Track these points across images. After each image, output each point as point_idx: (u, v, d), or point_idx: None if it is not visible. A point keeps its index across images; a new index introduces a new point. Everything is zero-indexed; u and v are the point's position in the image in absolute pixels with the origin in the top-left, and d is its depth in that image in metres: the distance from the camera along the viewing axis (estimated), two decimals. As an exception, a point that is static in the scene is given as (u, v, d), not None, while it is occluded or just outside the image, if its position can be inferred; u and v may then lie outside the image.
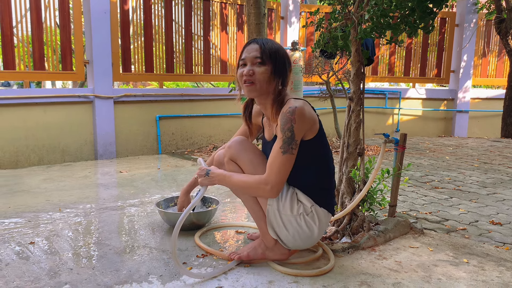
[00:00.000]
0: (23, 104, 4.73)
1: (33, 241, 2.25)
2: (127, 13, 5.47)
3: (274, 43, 1.87)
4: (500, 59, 8.14)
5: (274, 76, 1.82)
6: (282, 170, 1.76)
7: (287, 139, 1.74)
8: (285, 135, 1.74)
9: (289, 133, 1.73)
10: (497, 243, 2.35)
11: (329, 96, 5.93)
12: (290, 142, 1.74)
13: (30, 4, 4.81)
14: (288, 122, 1.73)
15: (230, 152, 1.91)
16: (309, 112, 1.79)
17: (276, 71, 1.82)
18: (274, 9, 6.68)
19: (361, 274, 1.89)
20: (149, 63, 5.69)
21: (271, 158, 1.78)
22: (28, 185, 3.70)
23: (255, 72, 1.81)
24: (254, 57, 1.81)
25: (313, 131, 1.81)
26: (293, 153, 1.75)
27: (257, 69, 1.81)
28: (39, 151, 4.85)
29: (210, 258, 2.04)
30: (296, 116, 1.73)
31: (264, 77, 1.81)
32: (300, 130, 1.75)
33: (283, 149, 1.74)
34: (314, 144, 1.82)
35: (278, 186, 1.77)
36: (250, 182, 1.82)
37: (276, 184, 1.77)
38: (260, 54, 1.81)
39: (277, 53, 1.83)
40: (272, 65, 1.81)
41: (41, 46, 4.92)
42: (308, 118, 1.77)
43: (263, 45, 1.82)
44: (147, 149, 5.58)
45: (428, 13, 2.11)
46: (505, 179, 3.95)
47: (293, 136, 1.73)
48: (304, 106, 1.77)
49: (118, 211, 2.86)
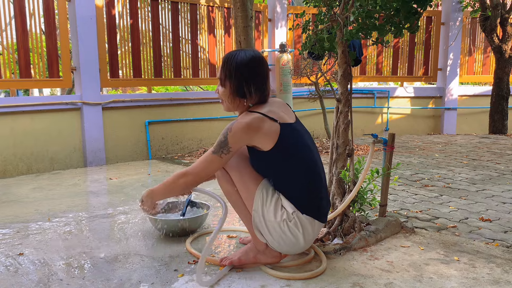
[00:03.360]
0: (10, 112, 4.67)
1: (22, 252, 2.22)
2: (113, 18, 5.43)
3: (239, 57, 1.87)
4: (486, 56, 8.23)
5: (235, 94, 1.88)
6: (204, 167, 1.87)
7: (220, 142, 1.83)
8: (220, 138, 1.83)
9: (223, 138, 1.82)
10: (487, 239, 2.37)
11: (318, 97, 5.95)
12: (223, 146, 1.82)
13: (14, 11, 4.76)
14: (226, 129, 1.83)
15: None
16: (254, 126, 1.79)
17: (235, 90, 1.87)
18: (261, 11, 6.69)
19: (353, 275, 1.90)
20: (137, 68, 5.66)
21: (203, 155, 1.89)
22: (17, 194, 3.66)
23: (219, 92, 1.93)
24: (218, 77, 1.93)
25: (267, 142, 1.81)
26: (221, 157, 1.83)
27: (220, 89, 1.93)
28: (27, 159, 4.79)
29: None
30: (233, 127, 1.81)
31: (226, 96, 1.91)
32: (236, 140, 1.80)
33: (214, 150, 1.85)
34: (275, 154, 1.83)
35: (194, 177, 1.88)
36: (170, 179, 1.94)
37: (192, 174, 1.88)
38: (220, 75, 1.91)
39: (236, 70, 1.85)
40: (230, 85, 1.88)
41: (27, 54, 4.87)
42: (249, 131, 1.79)
43: (225, 64, 1.89)
44: (137, 155, 5.55)
45: (413, 13, 2.12)
46: (493, 175, 3.99)
47: (226, 142, 1.81)
48: (250, 120, 1.80)
49: (108, 218, 2.83)
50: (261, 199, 1.86)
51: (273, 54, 6.71)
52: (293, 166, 1.86)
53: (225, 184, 1.94)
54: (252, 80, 1.86)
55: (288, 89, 6.37)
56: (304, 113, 6.87)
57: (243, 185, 1.88)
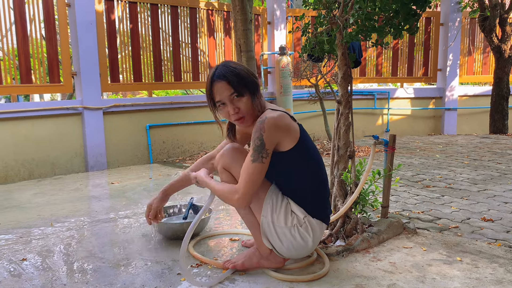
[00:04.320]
0: (11, 118, 4.68)
1: (25, 258, 2.22)
2: (113, 23, 5.45)
3: (233, 67, 1.83)
4: (485, 56, 8.24)
5: (253, 98, 1.82)
6: (251, 180, 1.75)
7: (257, 148, 1.73)
8: (255, 143, 1.73)
9: (259, 141, 1.73)
10: (489, 239, 2.37)
11: (318, 99, 5.96)
12: (260, 151, 1.73)
13: (15, 17, 4.77)
14: (258, 131, 1.73)
15: (222, 160, 1.90)
16: (284, 122, 1.77)
17: (252, 93, 1.82)
18: (261, 14, 6.71)
19: (356, 277, 1.90)
20: (137, 72, 5.68)
21: (242, 167, 1.77)
22: (19, 200, 3.66)
23: (240, 108, 1.81)
24: (229, 95, 1.80)
25: (290, 141, 1.79)
26: (263, 162, 1.74)
27: (239, 103, 1.81)
28: (29, 165, 4.80)
29: (205, 267, 2.03)
30: (265, 125, 1.73)
31: (248, 106, 1.81)
32: (271, 139, 1.74)
33: (253, 157, 1.74)
34: (295, 154, 1.81)
35: (246, 196, 1.76)
36: (223, 190, 1.83)
37: (243, 194, 1.75)
38: (233, 89, 1.79)
39: (243, 77, 1.81)
40: (247, 91, 1.81)
41: (27, 60, 4.88)
42: (281, 127, 1.76)
43: (227, 78, 1.79)
44: (138, 159, 5.56)
45: (412, 15, 2.13)
46: (495, 175, 3.99)
47: (262, 145, 1.72)
48: (278, 116, 1.76)
49: (110, 223, 2.84)
50: (270, 205, 1.85)
51: (273, 56, 6.73)
52: (309, 167, 1.86)
53: None
54: (254, 74, 1.89)
55: (288, 91, 6.39)
56: (304, 115, 6.88)
57: None
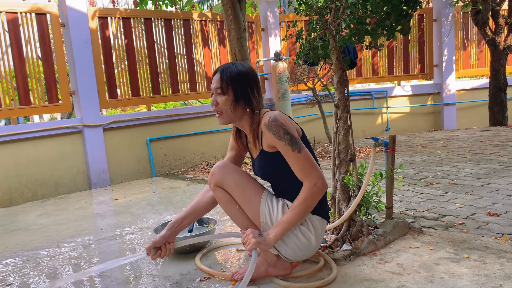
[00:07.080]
0: (12, 140, 4.70)
1: (34, 280, 2.22)
2: (108, 39, 5.48)
3: (237, 67, 1.89)
4: (480, 49, 8.26)
5: (237, 102, 1.86)
6: (312, 165, 1.78)
7: (290, 141, 1.78)
8: (286, 139, 1.78)
9: (287, 135, 1.78)
10: (496, 234, 2.37)
11: (316, 102, 5.97)
12: (296, 141, 1.79)
13: (10, 39, 4.81)
14: (279, 128, 1.78)
15: (214, 178, 1.93)
16: (285, 117, 1.86)
17: (238, 96, 1.86)
18: (254, 22, 6.73)
19: (364, 280, 1.90)
20: (135, 87, 5.70)
21: (295, 166, 1.79)
22: (24, 222, 3.67)
23: (218, 102, 1.88)
24: (215, 87, 1.89)
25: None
26: (304, 147, 1.80)
27: (219, 98, 1.87)
28: (32, 186, 4.81)
29: (213, 280, 2.03)
30: (280, 120, 1.80)
31: (227, 105, 1.86)
32: (292, 128, 1.82)
33: (296, 149, 1.78)
34: None
35: (321, 177, 1.78)
36: (303, 199, 1.77)
37: (318, 177, 1.77)
38: (219, 84, 1.87)
39: (237, 79, 1.86)
40: (233, 92, 1.86)
41: (25, 81, 4.91)
42: (288, 119, 1.87)
43: (223, 73, 1.87)
44: (141, 173, 5.56)
45: (403, 16, 2.15)
46: (497, 168, 3.98)
47: (292, 136, 1.79)
48: (279, 112, 1.86)
49: (116, 240, 2.84)
50: (267, 208, 1.87)
51: (268, 63, 6.75)
52: None
53: (227, 204, 1.92)
54: (256, 85, 1.91)
55: (286, 96, 6.40)
56: (304, 119, 6.88)
57: (245, 200, 1.88)
